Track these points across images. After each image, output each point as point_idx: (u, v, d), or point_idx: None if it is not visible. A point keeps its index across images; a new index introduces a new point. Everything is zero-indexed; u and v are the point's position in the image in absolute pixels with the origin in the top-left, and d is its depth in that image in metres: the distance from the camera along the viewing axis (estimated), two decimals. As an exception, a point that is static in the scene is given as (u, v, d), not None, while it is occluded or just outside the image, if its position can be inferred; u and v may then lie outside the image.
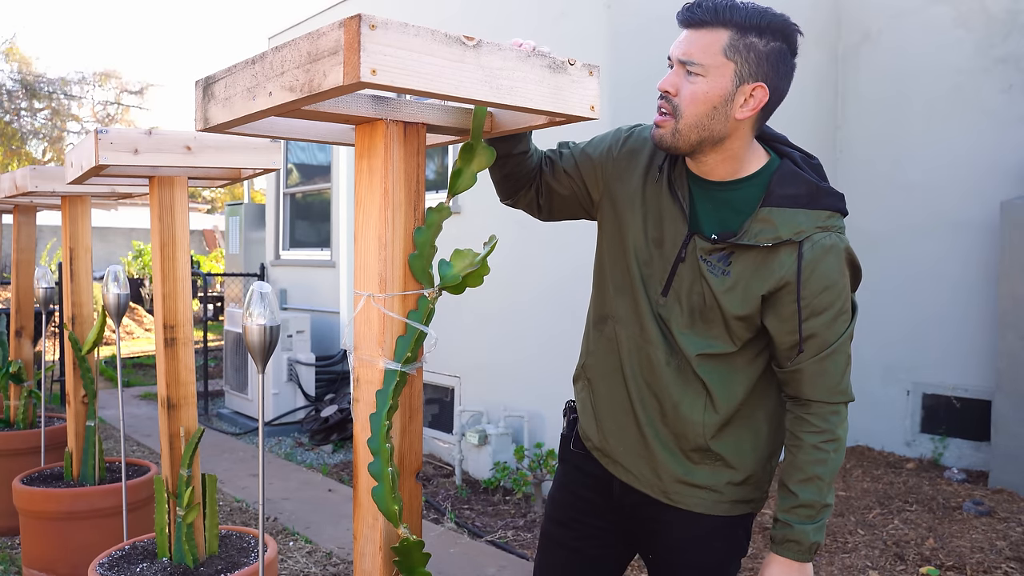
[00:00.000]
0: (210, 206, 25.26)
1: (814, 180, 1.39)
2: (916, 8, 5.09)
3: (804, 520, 1.41)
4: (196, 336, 8.15)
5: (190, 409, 2.34)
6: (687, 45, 1.34)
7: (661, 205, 1.46)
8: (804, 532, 1.40)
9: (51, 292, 3.47)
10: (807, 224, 1.35)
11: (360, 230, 1.24)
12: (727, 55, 1.31)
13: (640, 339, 1.48)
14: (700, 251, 1.41)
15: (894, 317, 5.11)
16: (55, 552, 2.90)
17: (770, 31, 1.32)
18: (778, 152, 1.46)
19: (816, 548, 1.42)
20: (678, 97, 1.35)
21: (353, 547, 1.40)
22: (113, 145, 2.01)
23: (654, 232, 1.47)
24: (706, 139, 1.36)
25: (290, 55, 1.05)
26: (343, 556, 3.54)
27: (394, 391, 1.20)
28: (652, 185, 1.48)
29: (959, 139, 4.88)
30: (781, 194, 1.37)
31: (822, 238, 1.36)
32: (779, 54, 1.34)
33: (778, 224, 1.35)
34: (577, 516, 1.62)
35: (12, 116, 21.93)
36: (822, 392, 1.43)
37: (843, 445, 1.45)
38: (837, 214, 1.39)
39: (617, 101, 4.02)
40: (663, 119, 1.37)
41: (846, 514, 3.96)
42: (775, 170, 1.40)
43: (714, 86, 1.33)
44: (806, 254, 1.35)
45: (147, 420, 6.27)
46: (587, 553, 1.61)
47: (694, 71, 1.33)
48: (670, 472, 1.48)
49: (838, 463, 1.43)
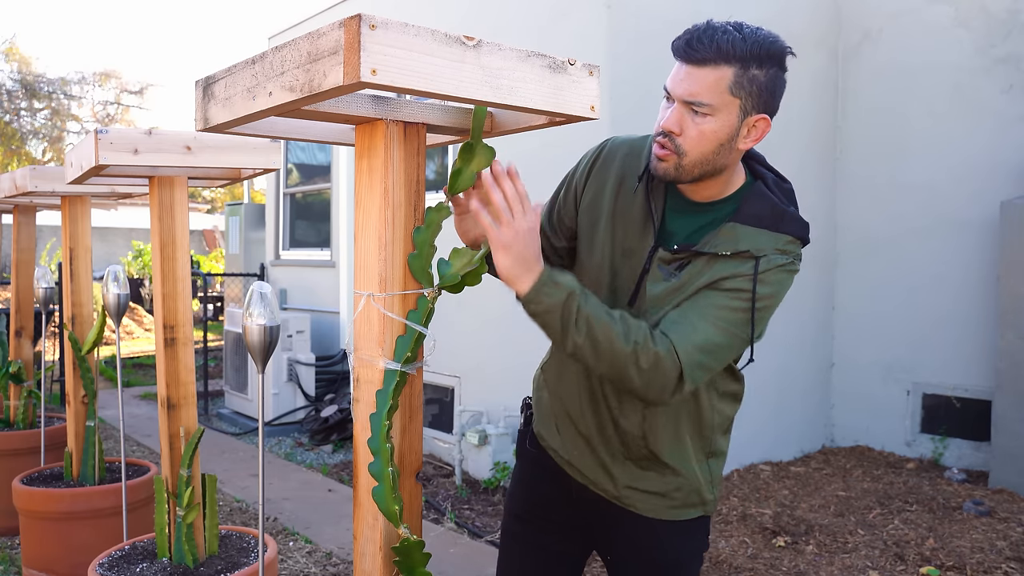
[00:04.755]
0: (210, 206, 25.26)
1: (781, 204, 1.39)
2: (916, 8, 5.09)
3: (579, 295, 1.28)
4: (196, 336, 8.15)
5: (190, 409, 2.34)
6: (691, 84, 1.30)
7: (634, 216, 1.46)
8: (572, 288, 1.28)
9: (51, 292, 3.47)
10: (767, 245, 1.36)
11: (360, 230, 1.24)
12: (732, 92, 1.30)
13: None
14: (659, 260, 1.42)
15: (894, 317, 5.11)
16: (55, 552, 2.90)
17: (769, 59, 1.30)
18: (754, 173, 1.46)
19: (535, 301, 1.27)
20: (682, 136, 1.33)
21: (353, 547, 1.40)
22: (113, 145, 2.01)
23: (625, 243, 1.47)
24: (708, 172, 1.37)
25: (290, 55, 1.05)
26: (343, 556, 3.54)
27: (394, 391, 1.20)
28: (627, 195, 1.47)
29: (959, 139, 4.88)
30: (748, 213, 1.37)
31: (778, 258, 1.36)
32: (776, 80, 1.33)
33: (739, 238, 1.36)
34: (536, 511, 1.64)
35: (12, 116, 21.93)
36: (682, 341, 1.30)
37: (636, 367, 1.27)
38: (798, 241, 1.39)
39: (617, 101, 4.02)
40: (665, 154, 1.35)
41: (846, 514, 3.96)
42: (748, 190, 1.42)
43: (722, 125, 1.31)
44: (761, 264, 1.34)
45: (147, 420, 6.27)
46: (548, 548, 1.63)
47: (702, 111, 1.31)
48: (620, 478, 1.50)
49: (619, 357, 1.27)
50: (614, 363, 1.28)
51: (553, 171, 4.33)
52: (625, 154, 1.51)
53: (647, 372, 1.28)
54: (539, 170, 4.76)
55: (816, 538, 3.63)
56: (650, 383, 1.29)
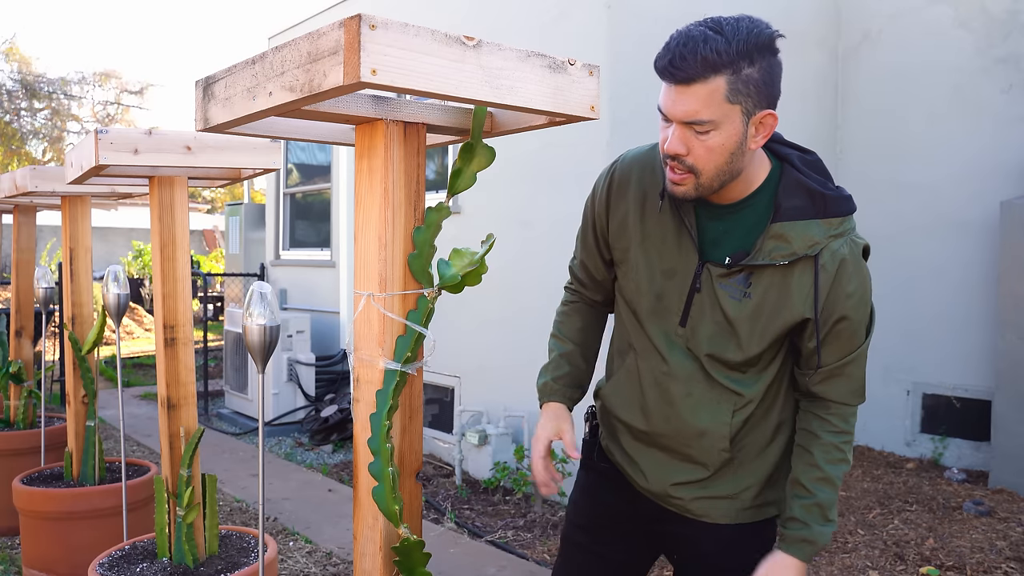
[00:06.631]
0: (210, 206, 25.26)
1: (818, 187, 1.35)
2: (916, 8, 5.09)
3: (821, 521, 1.40)
4: (196, 336, 8.15)
5: (190, 409, 2.34)
6: (686, 104, 1.25)
7: (667, 235, 1.43)
8: (821, 534, 1.40)
9: (51, 292, 3.47)
10: (820, 235, 1.32)
11: (360, 230, 1.24)
12: (730, 100, 1.24)
13: (661, 372, 1.47)
14: (716, 278, 1.38)
15: (894, 317, 5.11)
16: (55, 552, 2.90)
17: (759, 52, 1.24)
18: (776, 155, 1.41)
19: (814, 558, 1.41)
20: (691, 156, 1.29)
21: (353, 547, 1.40)
22: (113, 145, 2.01)
23: (663, 264, 1.43)
24: (727, 180, 1.33)
25: (290, 55, 1.05)
26: (343, 556, 3.54)
27: (394, 391, 1.20)
28: (652, 215, 1.44)
29: (959, 139, 4.88)
30: (789, 206, 1.33)
31: (839, 247, 1.33)
32: (770, 70, 1.26)
33: (792, 239, 1.32)
34: (599, 521, 1.62)
35: (12, 116, 21.93)
36: (843, 394, 1.42)
37: (850, 453, 1.45)
38: (848, 217, 1.36)
39: (617, 101, 4.02)
40: (681, 177, 1.32)
41: (846, 514, 3.96)
42: (779, 180, 1.37)
43: (728, 135, 1.27)
44: (827, 266, 1.32)
45: (147, 420, 6.27)
46: (609, 558, 1.61)
47: (703, 128, 1.26)
48: (691, 492, 1.48)
49: (848, 465, 1.43)
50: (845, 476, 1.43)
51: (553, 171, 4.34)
52: (639, 173, 1.47)
53: (852, 442, 1.45)
54: (539, 171, 4.77)
55: (816, 538, 3.63)
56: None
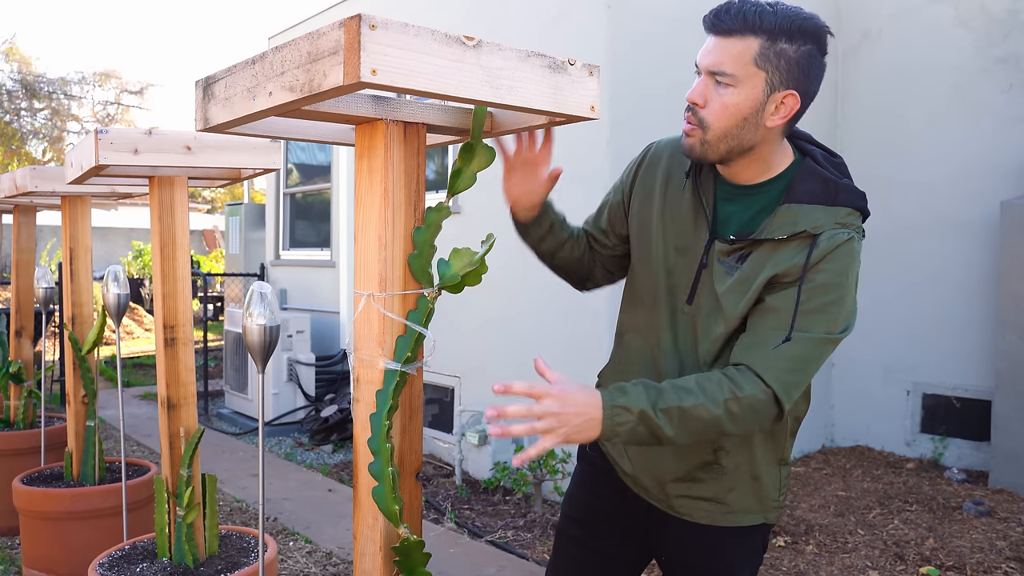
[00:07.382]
0: (210, 206, 25.27)
1: (834, 177, 1.37)
2: (916, 8, 5.09)
3: (651, 391, 1.25)
4: (196, 336, 8.15)
5: (190, 409, 2.34)
6: (716, 54, 1.29)
7: (684, 212, 1.45)
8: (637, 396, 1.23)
9: (51, 292, 3.47)
10: (825, 220, 1.33)
11: (360, 230, 1.24)
12: (758, 64, 1.27)
13: (653, 350, 1.48)
14: (719, 254, 1.39)
15: (894, 317, 5.11)
16: (55, 552, 2.90)
17: (800, 35, 1.27)
18: (801, 150, 1.44)
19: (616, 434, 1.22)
20: (706, 109, 1.32)
21: (353, 547, 1.40)
22: (113, 145, 2.01)
23: (677, 241, 1.45)
24: (735, 148, 1.34)
25: (290, 55, 1.05)
26: (343, 556, 3.54)
27: (394, 391, 1.20)
28: (675, 193, 1.47)
29: (959, 139, 4.88)
30: (800, 190, 1.35)
31: (839, 233, 1.32)
32: (809, 58, 1.29)
33: (797, 217, 1.33)
34: (594, 515, 1.62)
35: (12, 116, 21.93)
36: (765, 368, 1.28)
37: (733, 421, 1.26)
38: (857, 212, 1.36)
39: (617, 101, 4.02)
40: (691, 128, 1.35)
41: (846, 514, 3.96)
42: (797, 168, 1.39)
43: (745, 97, 1.29)
44: (821, 243, 1.30)
45: (147, 420, 6.27)
46: (604, 553, 1.61)
47: (724, 81, 1.29)
48: (675, 487, 1.49)
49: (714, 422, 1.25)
50: (710, 429, 1.26)
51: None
52: (670, 155, 1.51)
53: (745, 418, 1.27)
54: (539, 170, 4.76)
55: (816, 538, 3.63)
56: (751, 425, 1.28)
